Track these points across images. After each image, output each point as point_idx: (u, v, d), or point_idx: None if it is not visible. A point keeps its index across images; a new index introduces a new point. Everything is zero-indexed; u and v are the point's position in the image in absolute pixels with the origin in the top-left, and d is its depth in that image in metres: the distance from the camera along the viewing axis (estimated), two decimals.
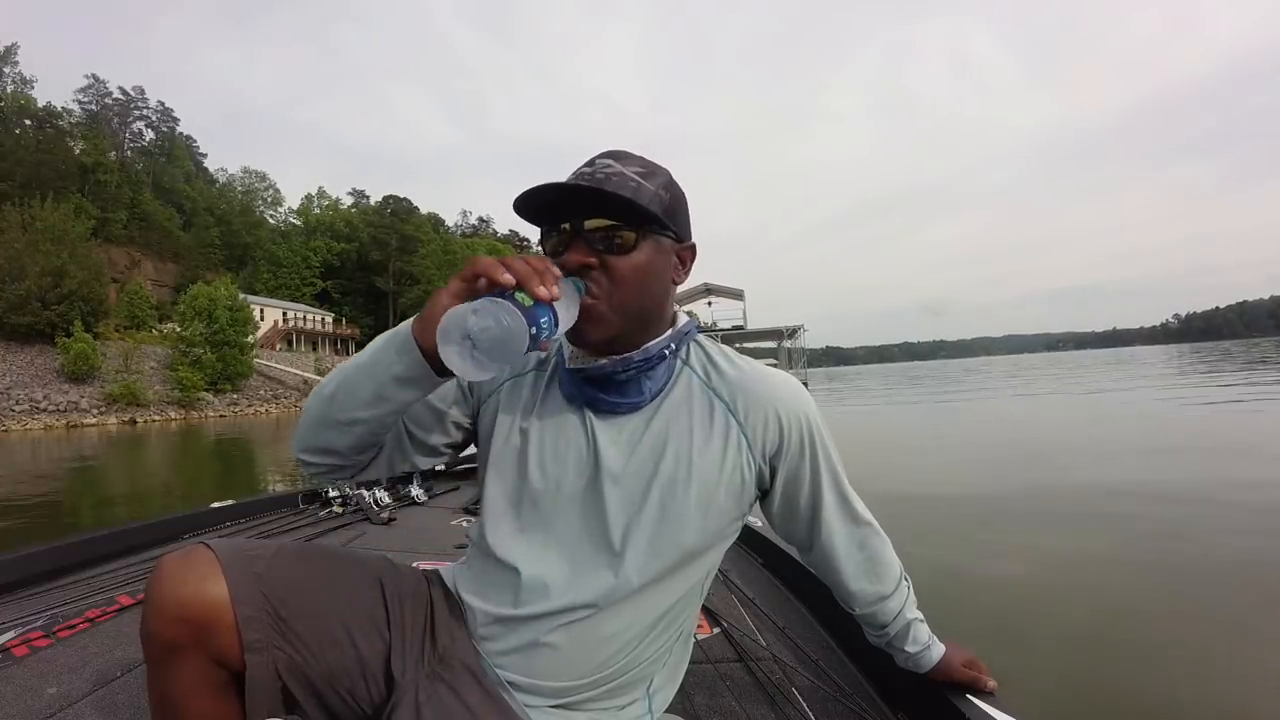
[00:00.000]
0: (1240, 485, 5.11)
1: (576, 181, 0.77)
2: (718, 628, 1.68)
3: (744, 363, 0.90)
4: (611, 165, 0.79)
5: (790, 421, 0.87)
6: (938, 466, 7.24)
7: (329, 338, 56.26)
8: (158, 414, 31.50)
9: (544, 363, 0.91)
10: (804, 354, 44.18)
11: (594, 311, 0.77)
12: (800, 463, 0.89)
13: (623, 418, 0.85)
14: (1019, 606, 3.04)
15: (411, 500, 3.25)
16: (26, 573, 2.07)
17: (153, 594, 0.73)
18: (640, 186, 0.78)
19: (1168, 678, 2.31)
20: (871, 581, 0.98)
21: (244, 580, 0.75)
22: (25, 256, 32.43)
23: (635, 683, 0.87)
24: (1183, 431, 8.85)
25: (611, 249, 0.77)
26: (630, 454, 0.83)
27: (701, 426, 0.85)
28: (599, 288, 0.77)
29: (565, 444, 0.85)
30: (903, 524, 4.59)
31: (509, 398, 0.89)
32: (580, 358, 0.84)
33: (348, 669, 0.80)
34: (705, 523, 0.84)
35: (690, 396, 0.86)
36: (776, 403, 0.87)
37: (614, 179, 0.77)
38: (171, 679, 0.74)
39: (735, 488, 0.85)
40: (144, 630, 0.74)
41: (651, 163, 0.82)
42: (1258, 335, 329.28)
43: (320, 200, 73.66)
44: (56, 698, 1.35)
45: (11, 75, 49.58)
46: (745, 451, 0.85)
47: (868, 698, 1.30)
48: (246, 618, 0.74)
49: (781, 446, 0.87)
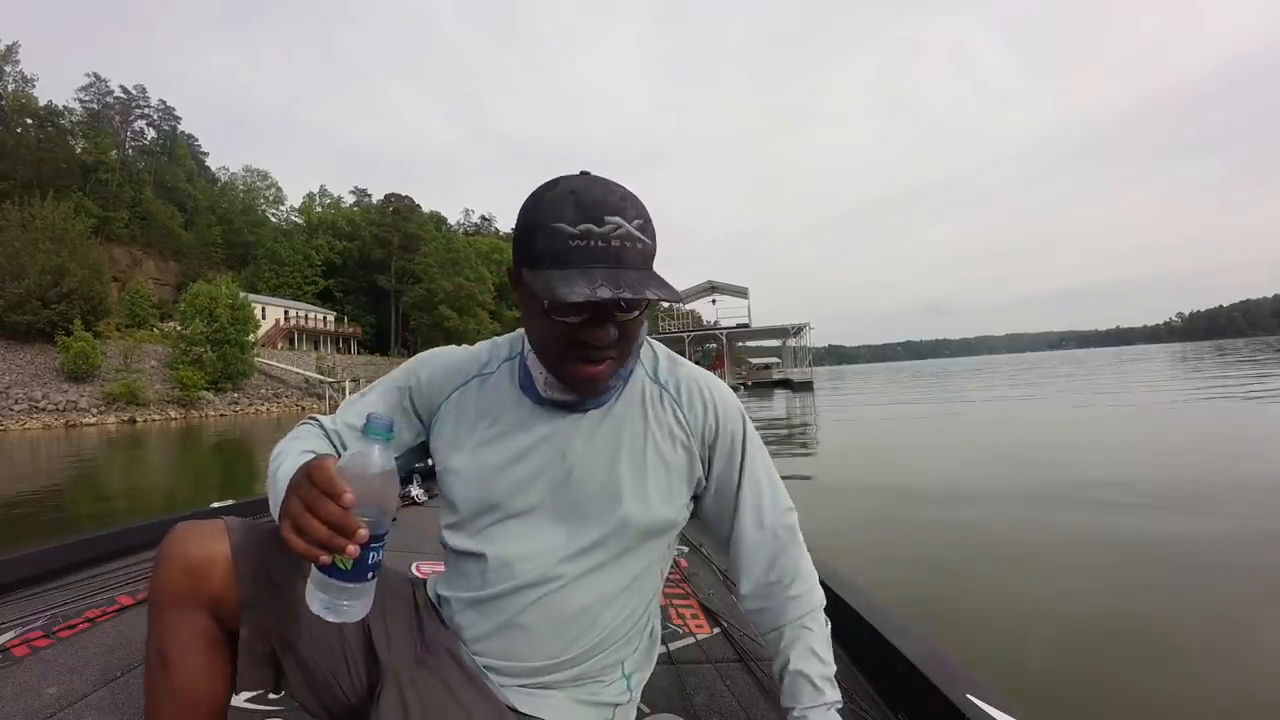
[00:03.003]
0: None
1: (596, 262, 0.74)
2: (718, 628, 1.68)
3: (684, 362, 0.97)
4: (621, 225, 0.75)
5: (724, 415, 0.93)
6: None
7: (331, 336, 56.29)
8: (158, 413, 31.53)
9: (489, 367, 0.95)
10: (809, 353, 44.03)
11: (604, 375, 0.81)
12: (732, 453, 0.94)
13: (584, 413, 0.89)
14: (1019, 606, 3.04)
15: (412, 500, 3.25)
16: (26, 573, 2.08)
17: (163, 551, 0.78)
18: (646, 249, 0.77)
19: (1168, 677, 2.31)
20: (767, 575, 0.97)
21: (246, 543, 0.79)
22: (25, 255, 32.46)
23: (611, 664, 0.91)
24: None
25: (626, 316, 0.79)
26: (589, 444, 0.88)
27: (652, 416, 0.91)
28: (611, 348, 0.79)
29: (527, 441, 0.88)
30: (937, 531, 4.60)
31: (461, 403, 0.94)
32: (558, 388, 0.87)
33: (331, 648, 0.83)
34: (658, 502, 0.89)
35: (642, 389, 0.92)
36: (714, 397, 0.94)
37: (628, 249, 0.75)
38: (169, 633, 0.77)
39: (681, 470, 0.91)
40: (151, 585, 0.78)
41: (641, 204, 0.79)
42: (1261, 334, 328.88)
43: (322, 199, 73.75)
44: (56, 698, 1.35)
45: (13, 74, 49.59)
46: (688, 437, 0.92)
47: (868, 698, 1.29)
48: (243, 574, 0.78)
49: (718, 436, 0.93)
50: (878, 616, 1.42)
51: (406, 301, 62.26)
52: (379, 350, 61.35)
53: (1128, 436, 8.78)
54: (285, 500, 0.66)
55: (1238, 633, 2.66)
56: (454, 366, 0.96)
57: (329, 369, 44.55)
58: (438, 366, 0.96)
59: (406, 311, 62.88)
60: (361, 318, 63.54)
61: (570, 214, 0.74)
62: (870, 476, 6.97)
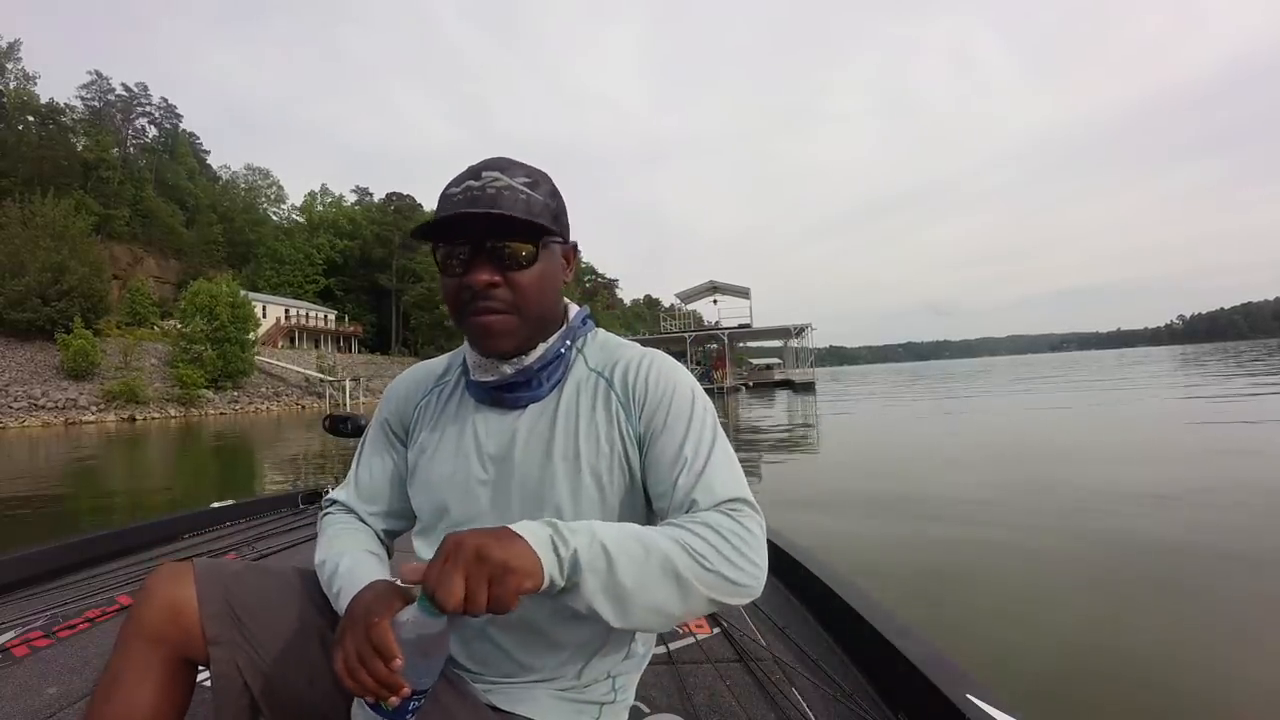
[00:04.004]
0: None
1: (471, 206, 0.79)
2: (718, 628, 1.69)
3: (625, 344, 0.95)
4: (500, 178, 0.80)
5: (656, 380, 0.87)
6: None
7: (331, 335, 56.32)
8: (157, 411, 31.54)
9: (447, 375, 0.98)
10: (811, 353, 43.96)
11: (498, 326, 0.82)
12: (665, 421, 0.84)
13: (524, 410, 0.89)
14: (1019, 606, 3.04)
15: None
16: (26, 573, 2.08)
17: (146, 588, 0.83)
18: (530, 198, 0.81)
19: (1168, 676, 2.31)
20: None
21: (211, 585, 0.83)
22: (25, 252, 32.47)
23: (593, 669, 0.88)
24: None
25: (513, 265, 0.81)
26: (526, 442, 0.87)
27: (586, 407, 0.88)
28: (503, 302, 0.81)
29: (474, 443, 0.89)
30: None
31: (422, 416, 0.97)
32: (484, 368, 0.89)
33: (302, 673, 0.84)
34: (607, 495, 0.84)
35: (582, 380, 0.90)
36: (649, 367, 0.88)
37: (505, 194, 0.80)
38: (128, 664, 0.80)
39: (620, 458, 0.85)
40: (128, 618, 0.83)
41: (535, 169, 0.85)
42: (1263, 336, 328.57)
43: (323, 197, 73.78)
44: (56, 698, 1.35)
45: (14, 71, 49.57)
46: (625, 421, 0.86)
47: (868, 698, 1.30)
48: (210, 615, 0.81)
49: (647, 406, 0.86)
50: (878, 616, 1.43)
51: (407, 300, 62.22)
52: (380, 349, 61.38)
53: (1129, 437, 8.79)
54: (342, 635, 0.70)
55: (1238, 633, 2.66)
56: (417, 381, 1.00)
57: (329, 368, 44.55)
58: (400, 389, 1.01)
59: (407, 310, 62.84)
60: (362, 316, 63.56)
61: (457, 177, 0.82)
62: (871, 477, 6.96)
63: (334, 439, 3.08)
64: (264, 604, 0.85)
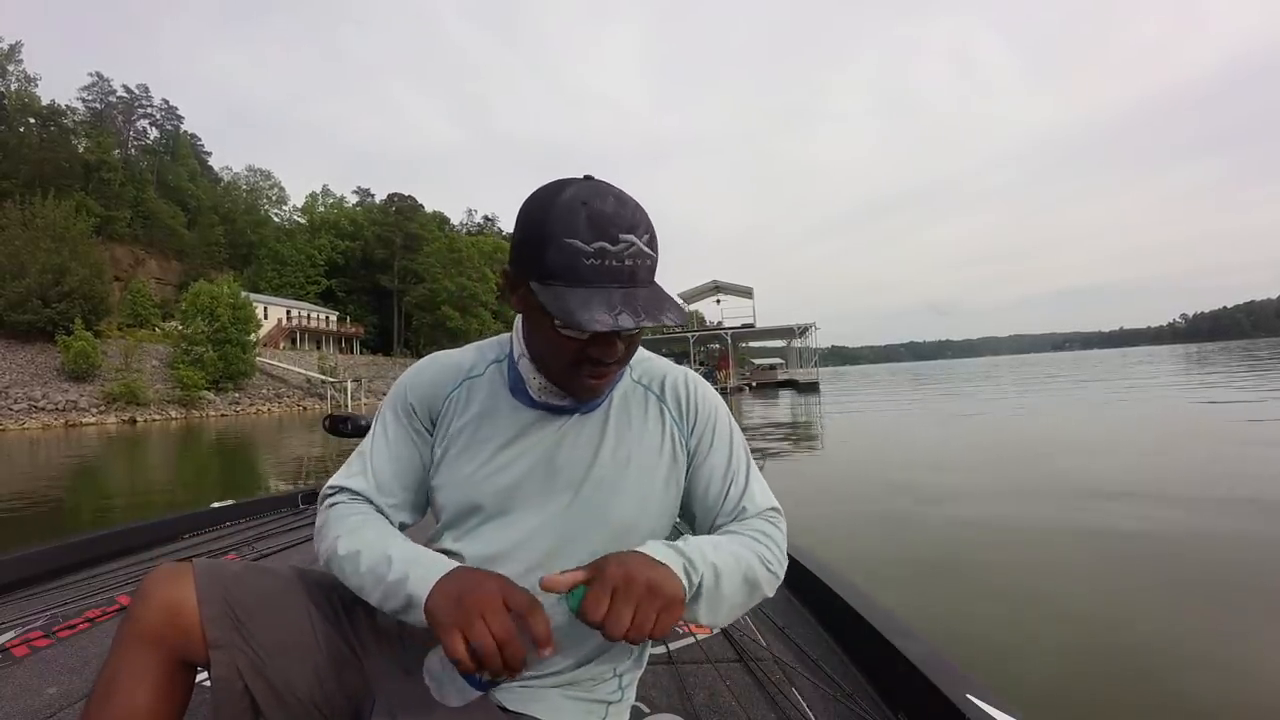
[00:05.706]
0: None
1: (612, 281, 0.73)
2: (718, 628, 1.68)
3: (662, 361, 0.99)
4: (634, 244, 0.74)
5: (702, 402, 0.95)
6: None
7: (333, 336, 56.36)
8: (158, 413, 31.56)
9: (475, 371, 0.94)
10: (815, 353, 43.89)
11: (604, 386, 0.84)
12: (705, 431, 0.94)
13: (570, 415, 0.90)
14: (1019, 606, 3.03)
15: None
16: (26, 573, 2.08)
17: (142, 589, 0.81)
18: (654, 262, 0.78)
19: (1168, 676, 2.30)
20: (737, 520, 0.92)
21: (211, 586, 0.82)
22: (26, 254, 32.48)
23: (603, 668, 0.90)
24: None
25: (634, 333, 0.80)
26: (576, 446, 0.88)
27: (638, 416, 0.92)
28: (619, 364, 0.82)
29: (515, 443, 0.89)
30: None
31: (449, 409, 0.93)
32: (553, 393, 0.87)
33: (305, 675, 0.83)
34: (645, 502, 0.89)
35: (628, 390, 0.93)
36: (693, 388, 0.96)
37: (641, 269, 0.75)
38: (125, 665, 0.78)
39: (667, 467, 0.92)
40: (125, 619, 0.80)
41: (646, 215, 0.78)
42: (1265, 335, 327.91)
43: (325, 198, 73.90)
44: (56, 698, 1.35)
45: (16, 73, 49.63)
46: (674, 430, 0.93)
47: (868, 698, 1.29)
48: (210, 617, 0.79)
49: (698, 424, 0.94)
50: (878, 616, 1.42)
51: (409, 301, 62.29)
52: (381, 350, 61.39)
53: (1133, 436, 8.78)
54: (470, 620, 0.68)
55: (1238, 633, 2.65)
56: (445, 370, 0.95)
57: (331, 369, 44.60)
58: (426, 376, 0.96)
59: (409, 311, 62.93)
60: (364, 318, 63.59)
61: (584, 230, 0.72)
62: (872, 477, 6.96)
63: (335, 439, 3.08)
64: (265, 605, 0.84)
